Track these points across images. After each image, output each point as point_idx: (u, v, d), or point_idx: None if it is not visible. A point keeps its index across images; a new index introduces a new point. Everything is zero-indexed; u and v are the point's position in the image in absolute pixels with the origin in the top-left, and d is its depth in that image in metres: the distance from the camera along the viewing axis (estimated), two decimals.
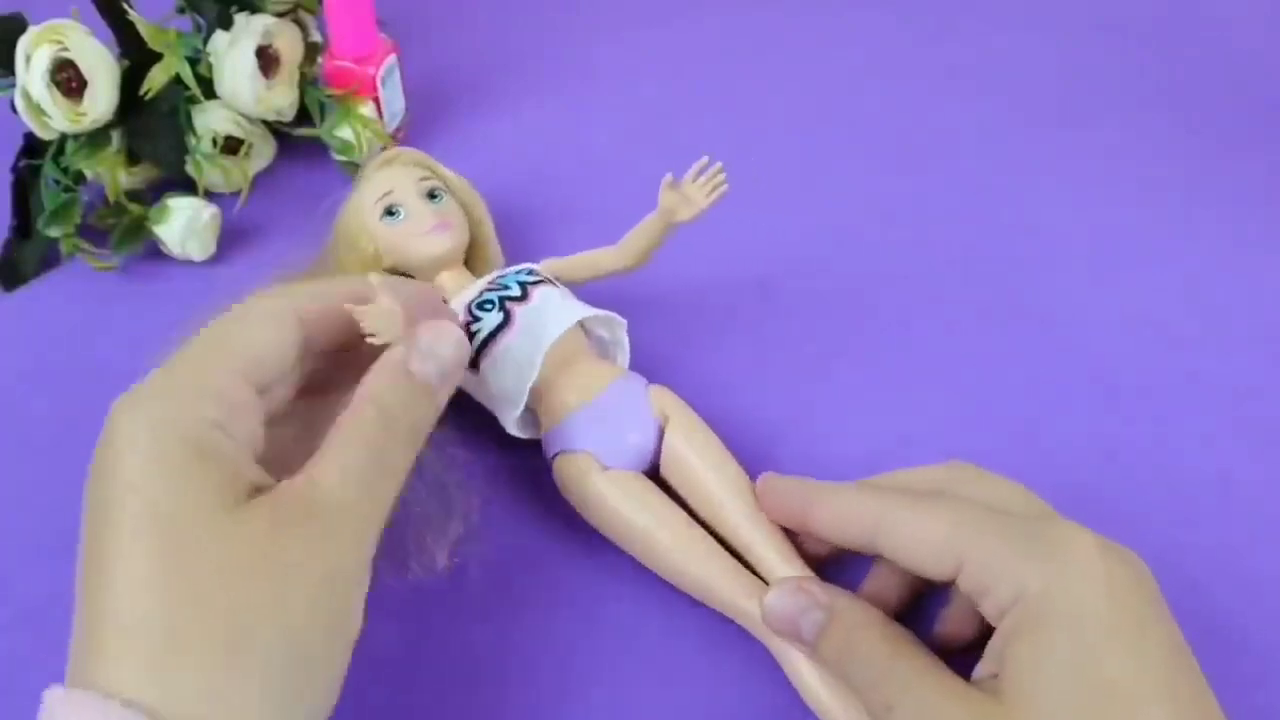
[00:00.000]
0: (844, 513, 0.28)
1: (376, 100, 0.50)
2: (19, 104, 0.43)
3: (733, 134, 0.55)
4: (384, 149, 0.50)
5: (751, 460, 0.38)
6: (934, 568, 0.25)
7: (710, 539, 0.32)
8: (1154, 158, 0.53)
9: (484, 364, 0.34)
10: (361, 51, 0.49)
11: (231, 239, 0.47)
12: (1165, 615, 0.23)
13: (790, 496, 0.30)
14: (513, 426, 0.35)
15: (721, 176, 0.37)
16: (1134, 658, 0.21)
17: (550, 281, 0.37)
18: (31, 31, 0.43)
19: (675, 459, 0.33)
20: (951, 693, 0.23)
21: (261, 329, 0.25)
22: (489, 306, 0.35)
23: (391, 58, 0.51)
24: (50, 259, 0.45)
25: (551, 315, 0.35)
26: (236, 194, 0.49)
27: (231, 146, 0.48)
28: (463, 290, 0.37)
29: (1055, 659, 0.21)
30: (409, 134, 0.54)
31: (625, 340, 0.37)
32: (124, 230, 0.44)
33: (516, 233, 0.47)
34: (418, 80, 0.55)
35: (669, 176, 0.36)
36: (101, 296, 0.44)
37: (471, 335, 0.34)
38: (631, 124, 0.55)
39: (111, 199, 0.45)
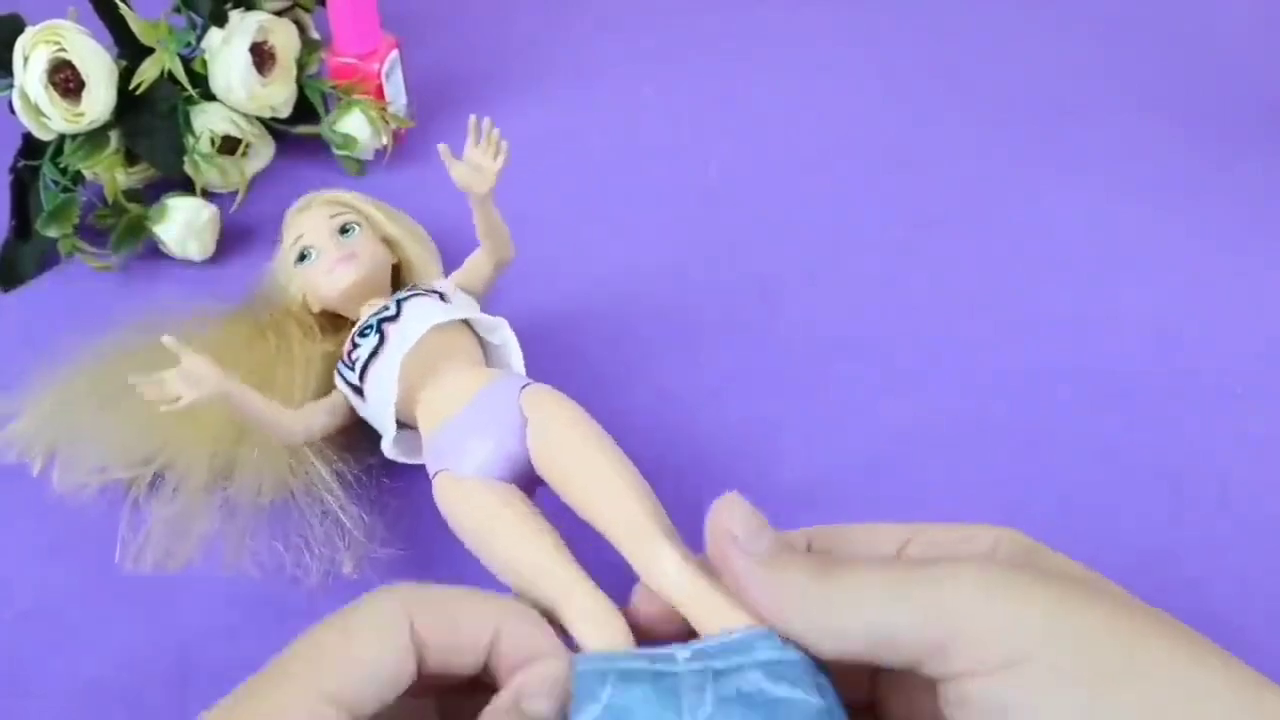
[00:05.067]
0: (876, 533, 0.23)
1: (380, 95, 0.50)
2: (17, 104, 0.43)
3: (733, 133, 0.55)
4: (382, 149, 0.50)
5: (754, 459, 0.38)
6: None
7: (548, 531, 0.28)
8: (1154, 158, 0.53)
9: (365, 389, 0.33)
10: (365, 48, 0.49)
11: (231, 239, 0.47)
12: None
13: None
14: (389, 449, 0.33)
15: (496, 133, 0.34)
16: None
17: (430, 294, 0.35)
18: (29, 32, 0.43)
19: (540, 460, 0.29)
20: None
21: (364, 646, 0.20)
22: (368, 331, 0.34)
23: (394, 53, 0.51)
24: (49, 259, 0.45)
25: (414, 322, 0.33)
26: (235, 194, 0.49)
27: (229, 146, 0.48)
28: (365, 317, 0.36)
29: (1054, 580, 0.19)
30: (411, 128, 0.54)
31: (512, 339, 0.35)
32: (123, 230, 0.44)
33: (515, 230, 0.47)
34: (420, 76, 0.55)
35: (443, 149, 0.34)
36: (101, 296, 0.44)
37: (352, 363, 0.34)
38: (631, 123, 0.55)
39: (110, 199, 0.44)
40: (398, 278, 0.40)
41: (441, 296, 0.35)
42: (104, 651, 0.32)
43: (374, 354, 0.33)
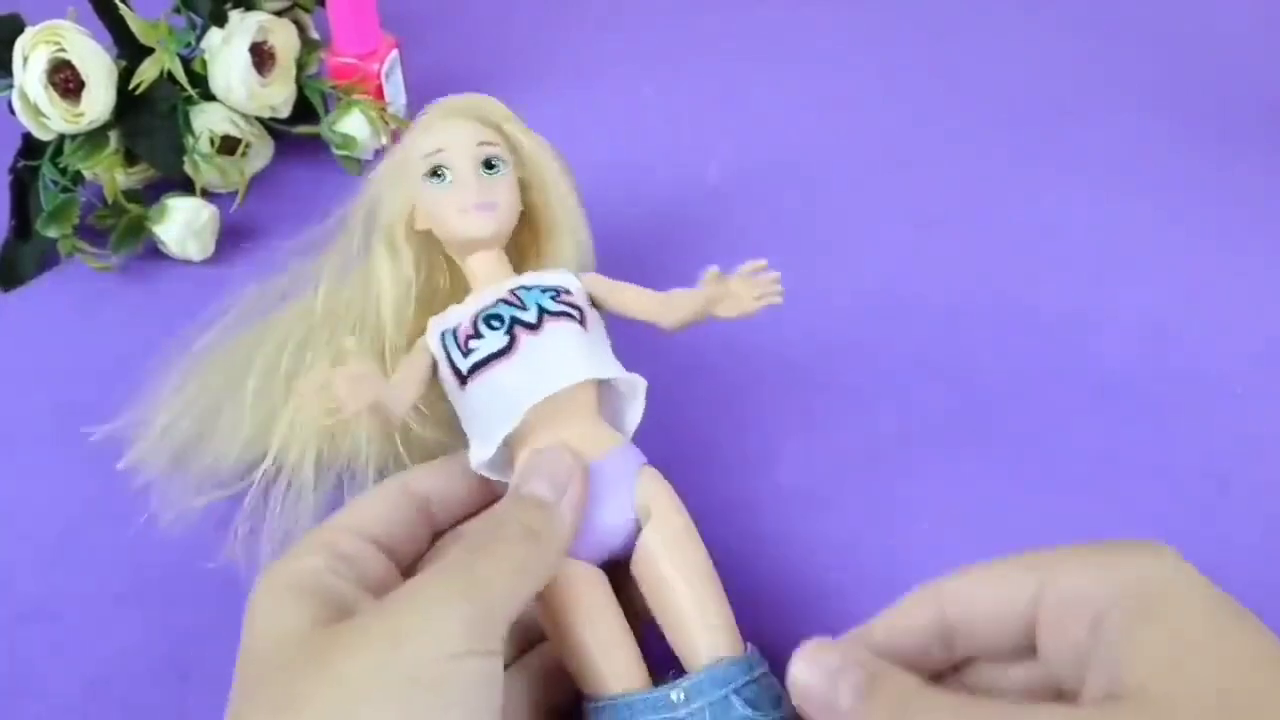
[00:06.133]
0: (905, 610, 0.24)
1: (380, 95, 0.50)
2: (17, 105, 0.43)
3: (733, 133, 0.55)
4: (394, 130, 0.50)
5: (753, 460, 0.38)
6: (1010, 613, 0.22)
7: (626, 629, 0.28)
8: (1154, 158, 0.53)
9: (471, 386, 0.30)
10: (365, 48, 0.49)
11: (231, 239, 0.47)
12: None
13: (847, 641, 0.25)
14: (479, 464, 0.30)
15: (777, 286, 0.32)
16: (1259, 630, 0.19)
17: (575, 314, 0.31)
18: (29, 32, 0.43)
19: (648, 563, 0.28)
20: (1067, 716, 0.20)
21: (369, 497, 0.29)
22: (496, 325, 0.30)
23: (394, 53, 0.51)
24: (49, 259, 0.45)
25: (555, 362, 0.30)
26: (235, 194, 0.49)
27: (229, 146, 0.48)
28: (488, 287, 0.32)
29: (1184, 641, 0.19)
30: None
31: (641, 400, 0.32)
32: (123, 230, 0.44)
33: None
34: (420, 76, 0.55)
35: (714, 270, 0.31)
36: (100, 296, 0.44)
37: (468, 352, 0.30)
38: (631, 123, 0.55)
39: (110, 199, 0.44)
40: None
41: (582, 316, 0.32)
42: (104, 651, 0.32)
43: (495, 357, 0.30)
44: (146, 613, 0.33)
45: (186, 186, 0.47)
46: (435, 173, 0.33)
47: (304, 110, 0.50)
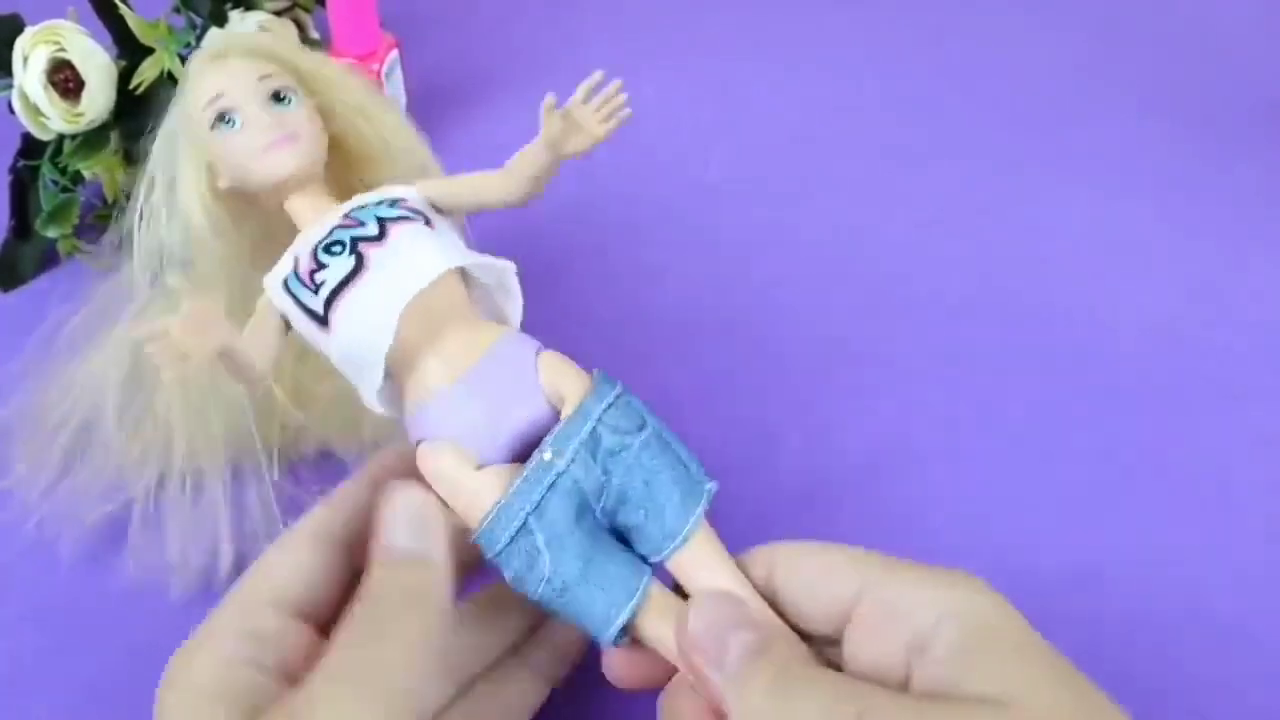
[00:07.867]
0: (746, 563, 0.25)
1: None
2: (16, 105, 0.43)
3: (733, 133, 0.55)
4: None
5: (753, 460, 0.38)
6: (834, 598, 0.23)
7: None
8: (1155, 158, 0.53)
9: (334, 320, 0.27)
10: (365, 48, 0.49)
11: None
12: None
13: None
14: (372, 399, 0.28)
15: (621, 99, 0.29)
16: (1056, 653, 0.22)
17: (417, 217, 0.29)
18: (28, 32, 0.43)
19: None
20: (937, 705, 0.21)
21: (281, 553, 0.26)
22: (338, 249, 0.28)
23: (394, 53, 0.51)
24: (49, 259, 0.45)
25: (413, 262, 0.27)
26: None
27: None
28: (317, 222, 0.29)
29: (1029, 667, 0.21)
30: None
31: (515, 287, 0.29)
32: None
33: (513, 231, 0.47)
34: (419, 77, 0.55)
35: (550, 99, 0.29)
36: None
37: (317, 287, 0.28)
38: (631, 123, 0.55)
39: (110, 199, 0.44)
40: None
41: (426, 220, 0.29)
42: (104, 651, 0.32)
43: (347, 281, 0.27)
44: (147, 612, 0.33)
45: None
46: (222, 119, 0.30)
47: None
